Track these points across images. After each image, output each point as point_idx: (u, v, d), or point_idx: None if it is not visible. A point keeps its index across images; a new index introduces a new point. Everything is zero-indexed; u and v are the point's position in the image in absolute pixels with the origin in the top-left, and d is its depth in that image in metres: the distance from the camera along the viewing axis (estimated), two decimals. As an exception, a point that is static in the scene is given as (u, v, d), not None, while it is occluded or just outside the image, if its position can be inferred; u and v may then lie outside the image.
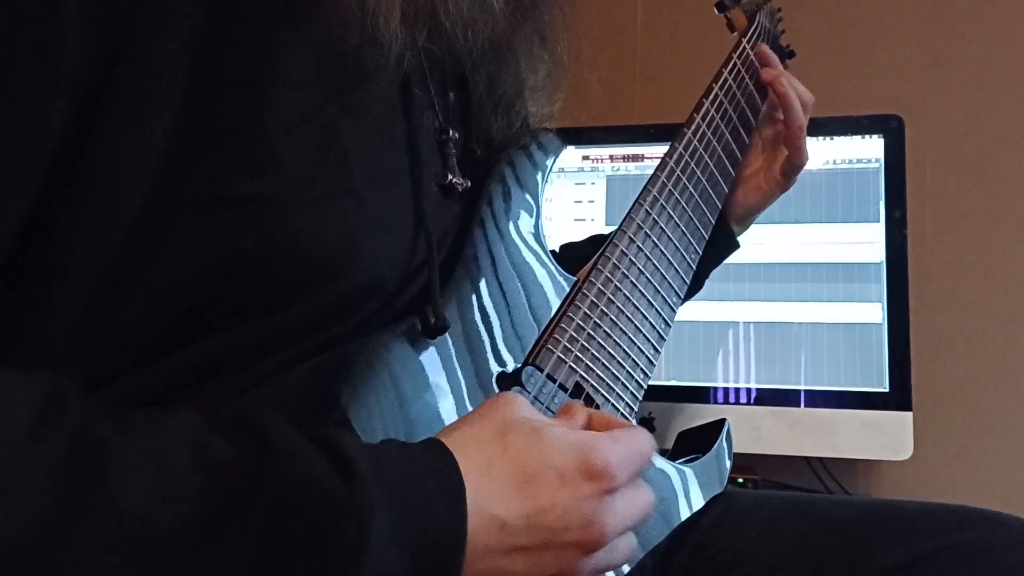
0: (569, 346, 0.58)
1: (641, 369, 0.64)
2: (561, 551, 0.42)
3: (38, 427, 0.34)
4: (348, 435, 0.40)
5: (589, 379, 0.59)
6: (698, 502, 0.68)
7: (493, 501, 0.41)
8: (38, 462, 0.33)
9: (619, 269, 0.63)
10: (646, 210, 0.67)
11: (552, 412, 0.56)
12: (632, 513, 0.46)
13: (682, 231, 0.70)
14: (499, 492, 0.41)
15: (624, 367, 0.62)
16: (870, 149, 1.19)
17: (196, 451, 0.36)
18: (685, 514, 0.66)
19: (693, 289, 0.82)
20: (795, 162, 0.81)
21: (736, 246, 0.85)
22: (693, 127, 0.73)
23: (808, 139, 0.82)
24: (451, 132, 0.58)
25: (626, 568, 0.58)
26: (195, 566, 0.34)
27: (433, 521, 0.39)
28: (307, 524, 0.36)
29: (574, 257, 0.66)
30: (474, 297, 0.55)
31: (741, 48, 0.83)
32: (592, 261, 0.63)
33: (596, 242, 0.66)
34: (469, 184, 0.59)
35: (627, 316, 0.63)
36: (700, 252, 0.73)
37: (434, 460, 0.41)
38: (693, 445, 0.73)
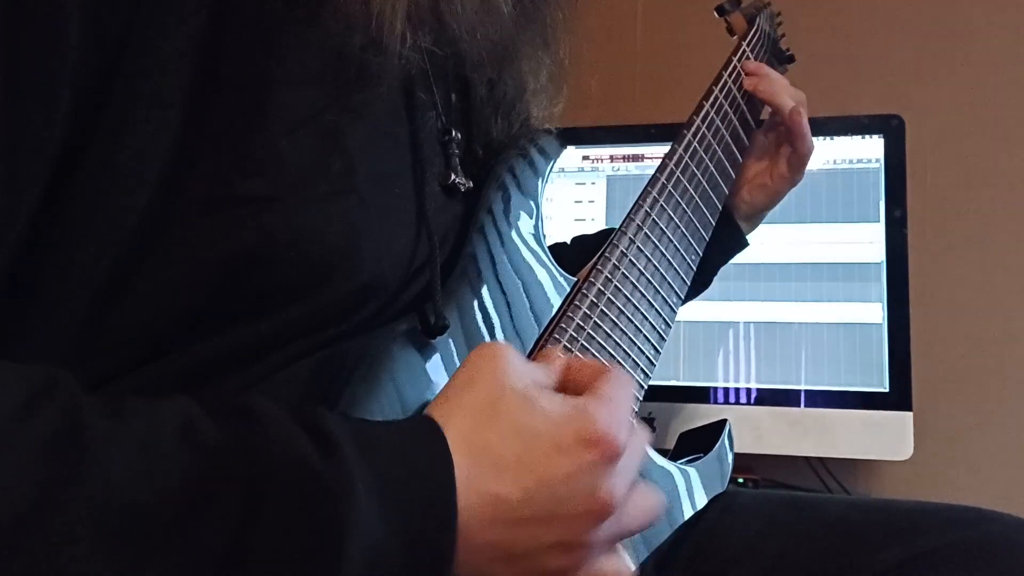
0: (569, 346, 0.59)
1: (642, 369, 0.64)
2: (571, 521, 0.41)
3: (25, 412, 0.34)
4: (331, 414, 0.40)
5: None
6: (700, 502, 0.68)
7: (486, 475, 0.39)
8: (22, 446, 0.33)
9: (619, 269, 0.63)
10: (646, 211, 0.67)
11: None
12: (635, 462, 0.44)
13: (682, 232, 0.70)
14: (491, 466, 0.40)
15: (625, 367, 0.63)
16: (870, 149, 1.19)
17: (181, 431, 0.36)
18: (688, 514, 0.66)
19: (700, 288, 0.83)
20: (800, 151, 0.81)
21: (745, 244, 0.85)
22: (692, 129, 0.74)
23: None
24: (454, 133, 0.58)
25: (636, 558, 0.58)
26: (176, 542, 0.34)
27: (420, 492, 0.38)
28: (287, 497, 0.35)
29: (585, 250, 0.66)
30: (474, 297, 0.55)
31: (741, 51, 0.83)
32: (592, 262, 0.63)
33: (607, 235, 0.66)
34: (471, 184, 0.59)
35: (627, 316, 0.63)
36: (700, 253, 0.73)
37: (421, 433, 0.40)
38: (694, 445, 0.73)
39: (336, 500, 0.36)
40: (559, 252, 0.64)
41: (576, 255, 0.64)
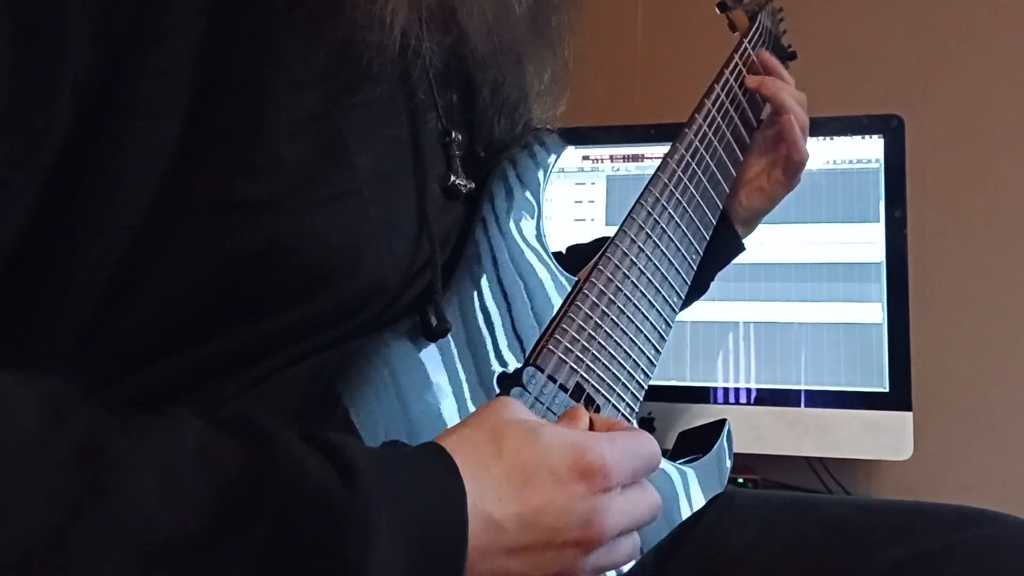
0: (570, 347, 0.58)
1: (642, 369, 0.64)
2: (561, 550, 0.42)
3: (42, 433, 0.33)
4: (350, 440, 0.40)
5: (590, 379, 0.59)
6: (699, 502, 0.68)
7: (489, 503, 0.41)
8: (42, 469, 0.33)
9: (620, 269, 0.63)
10: (647, 210, 0.67)
11: (553, 413, 0.56)
12: (635, 513, 0.46)
13: (683, 231, 0.70)
14: (494, 494, 0.41)
15: (625, 367, 0.62)
16: (870, 149, 1.19)
17: (201, 457, 0.36)
18: (686, 514, 0.66)
19: (698, 292, 0.82)
20: (794, 158, 0.81)
21: (741, 248, 0.85)
22: (694, 127, 0.74)
23: (808, 139, 0.82)
24: (454, 134, 0.58)
25: (627, 567, 0.58)
26: (198, 569, 0.34)
27: (435, 526, 0.39)
28: (311, 532, 0.36)
29: (581, 259, 0.66)
30: (476, 297, 0.55)
31: (742, 49, 0.83)
32: (593, 261, 0.63)
33: (602, 244, 0.66)
34: (473, 186, 0.59)
35: (628, 316, 0.63)
36: (701, 252, 0.73)
37: (434, 465, 0.41)
38: (694, 445, 0.73)
39: (359, 533, 0.36)
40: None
41: (572, 264, 0.64)
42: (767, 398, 1.15)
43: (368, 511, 0.37)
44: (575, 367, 0.58)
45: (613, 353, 0.62)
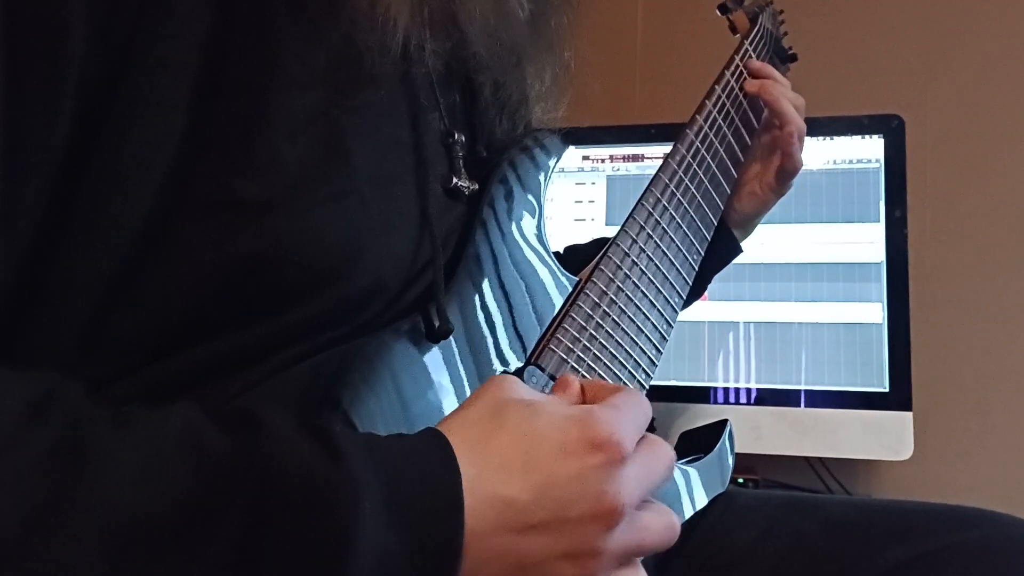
0: (571, 346, 0.59)
1: (643, 369, 0.64)
2: (579, 527, 0.40)
3: (27, 422, 0.34)
4: (339, 425, 0.40)
5: (591, 379, 0.59)
6: (701, 502, 0.68)
7: (492, 478, 0.39)
8: (23, 457, 0.33)
9: (621, 269, 0.63)
10: (648, 210, 0.67)
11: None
12: (650, 476, 0.43)
13: (684, 232, 0.70)
14: (497, 468, 0.39)
15: (626, 367, 0.63)
16: (870, 149, 1.19)
17: (185, 438, 0.36)
18: (689, 514, 0.66)
19: (695, 294, 0.82)
20: (787, 167, 0.81)
21: (738, 251, 0.85)
22: (695, 128, 0.74)
23: (808, 139, 0.82)
24: (457, 135, 0.58)
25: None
26: (180, 552, 0.34)
27: (427, 496, 0.37)
28: (293, 504, 0.35)
29: (578, 259, 0.66)
30: (476, 297, 0.55)
31: (744, 50, 0.83)
32: (594, 261, 0.63)
33: (600, 244, 0.66)
34: (476, 187, 0.59)
35: (629, 316, 0.63)
36: (702, 252, 0.73)
37: (425, 441, 0.40)
38: (695, 445, 0.73)
39: (342, 506, 0.35)
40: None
41: (570, 264, 0.64)
42: (767, 398, 1.15)
43: (353, 481, 0.36)
44: (576, 366, 0.58)
45: (614, 352, 0.62)
